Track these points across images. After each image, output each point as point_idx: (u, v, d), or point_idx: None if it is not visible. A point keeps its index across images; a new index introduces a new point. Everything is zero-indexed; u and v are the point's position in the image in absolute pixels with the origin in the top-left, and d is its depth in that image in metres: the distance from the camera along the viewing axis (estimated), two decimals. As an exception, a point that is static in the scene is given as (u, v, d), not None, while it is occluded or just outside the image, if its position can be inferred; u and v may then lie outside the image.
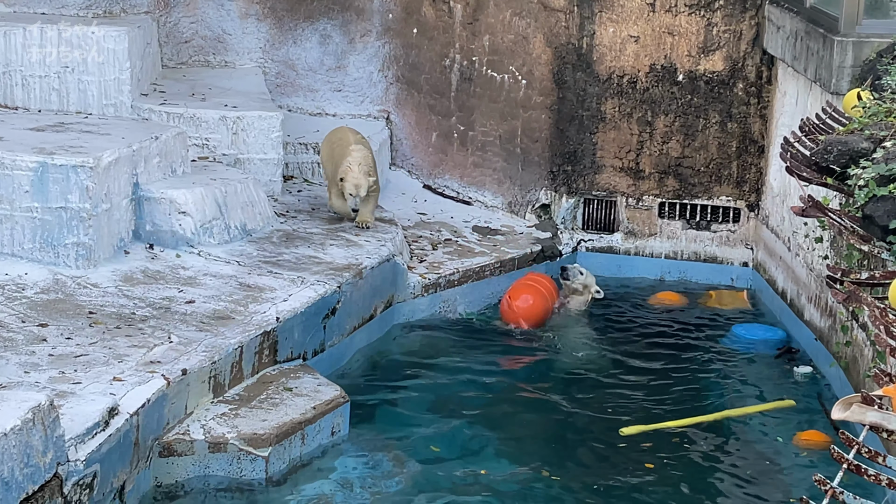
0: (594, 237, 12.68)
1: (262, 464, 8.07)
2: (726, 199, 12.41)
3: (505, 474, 8.56)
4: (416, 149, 13.33)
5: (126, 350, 8.32)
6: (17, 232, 9.62)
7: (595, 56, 12.36)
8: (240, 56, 13.31)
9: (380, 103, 13.42)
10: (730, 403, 9.78)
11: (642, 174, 12.49)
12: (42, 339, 8.39)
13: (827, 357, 10.04)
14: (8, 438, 6.29)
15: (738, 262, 12.45)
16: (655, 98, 12.33)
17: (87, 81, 11.24)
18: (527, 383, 10.12)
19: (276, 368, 9.08)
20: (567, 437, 9.27)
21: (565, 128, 12.54)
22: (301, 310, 9.38)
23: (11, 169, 9.57)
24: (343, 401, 8.81)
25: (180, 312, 9.08)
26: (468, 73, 12.88)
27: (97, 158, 9.66)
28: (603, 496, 8.36)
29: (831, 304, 10.04)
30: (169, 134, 10.60)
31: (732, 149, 12.32)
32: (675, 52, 12.24)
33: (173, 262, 10.02)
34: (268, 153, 11.40)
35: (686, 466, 8.79)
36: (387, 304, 10.80)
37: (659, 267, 12.57)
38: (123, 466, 7.45)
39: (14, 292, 9.15)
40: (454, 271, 11.42)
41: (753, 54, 12.12)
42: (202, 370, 8.27)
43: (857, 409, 5.75)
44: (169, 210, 10.16)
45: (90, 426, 7.16)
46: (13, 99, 11.27)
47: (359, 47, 13.34)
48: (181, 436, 8.01)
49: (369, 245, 10.80)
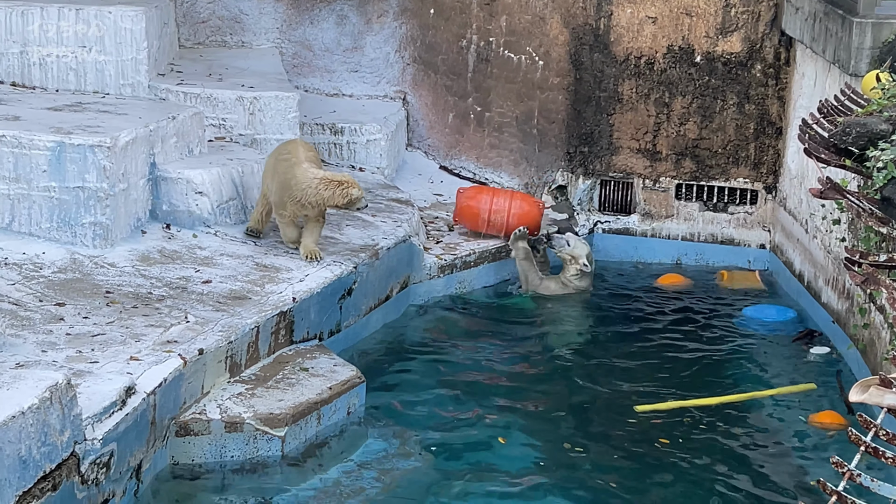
0: (610, 219, 12.65)
1: (278, 443, 8.09)
2: (743, 180, 12.37)
3: (522, 451, 8.59)
4: (433, 130, 13.32)
5: (143, 330, 8.34)
6: (34, 211, 9.64)
7: (612, 37, 12.32)
8: (256, 36, 13.30)
9: (396, 84, 13.40)
10: (744, 384, 9.78)
11: (659, 156, 12.46)
12: (59, 319, 8.41)
13: (844, 339, 10.02)
14: (26, 417, 6.31)
15: (755, 244, 12.42)
16: (673, 79, 12.28)
17: (105, 61, 11.24)
18: (541, 362, 10.14)
19: (293, 348, 9.10)
20: (583, 414, 9.29)
21: (582, 109, 12.50)
22: (317, 290, 9.39)
23: (29, 148, 9.59)
24: (359, 381, 8.82)
25: (197, 292, 9.09)
26: (485, 54, 12.85)
27: (114, 138, 9.67)
28: (619, 470, 8.40)
29: (849, 286, 10.01)
30: (186, 114, 10.60)
31: (750, 130, 12.27)
32: (692, 33, 12.19)
33: (190, 242, 10.03)
34: (284, 133, 11.38)
35: (700, 445, 8.79)
36: (403, 285, 10.80)
37: (675, 249, 12.55)
38: (140, 445, 7.48)
39: (31, 272, 9.18)
40: (470, 252, 11.41)
41: (772, 35, 12.06)
42: (218, 350, 8.29)
43: (875, 391, 5.74)
44: (186, 190, 10.17)
45: (107, 405, 7.18)
46: (31, 79, 11.27)
47: (375, 28, 13.32)
48: (197, 415, 8.03)
49: (385, 226, 10.80)
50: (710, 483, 8.30)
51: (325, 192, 9.69)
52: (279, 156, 10.05)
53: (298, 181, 9.71)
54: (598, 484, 8.22)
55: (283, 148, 10.17)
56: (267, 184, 10.07)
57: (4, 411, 6.23)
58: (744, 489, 8.23)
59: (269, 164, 10.11)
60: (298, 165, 9.81)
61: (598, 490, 8.15)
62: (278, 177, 9.86)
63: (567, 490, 8.14)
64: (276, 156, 10.09)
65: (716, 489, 8.23)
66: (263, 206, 10.16)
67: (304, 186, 9.67)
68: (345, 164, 12.42)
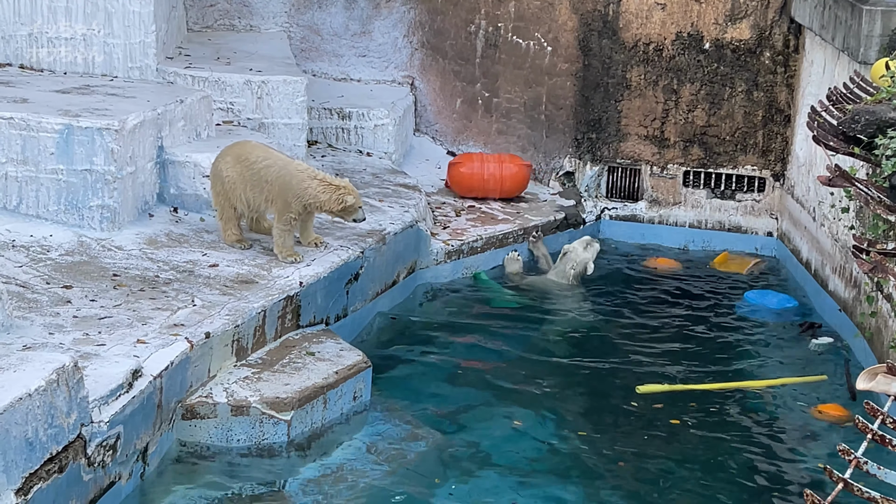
0: (618, 205, 12.65)
1: (284, 427, 8.10)
2: (751, 168, 12.36)
3: (530, 434, 8.61)
4: (441, 115, 13.30)
5: (150, 313, 8.35)
6: (42, 194, 9.65)
7: (621, 23, 12.29)
8: (265, 20, 13.29)
9: (404, 69, 13.39)
10: (745, 370, 9.81)
11: (667, 142, 12.44)
12: (66, 301, 8.42)
13: (851, 328, 10.00)
14: (32, 399, 6.32)
15: (762, 231, 12.41)
16: (681, 66, 12.26)
17: (113, 44, 11.24)
18: (547, 346, 10.16)
19: (299, 333, 9.10)
20: (590, 396, 9.34)
21: (590, 95, 12.49)
22: (324, 274, 9.39)
23: (37, 131, 9.59)
24: (365, 366, 8.82)
25: (204, 276, 9.10)
26: (493, 40, 12.84)
27: (122, 121, 9.67)
28: (627, 453, 8.45)
29: (856, 274, 10.00)
30: (194, 98, 10.60)
31: (758, 118, 12.25)
32: (701, 20, 12.17)
33: (197, 225, 10.03)
34: (292, 118, 11.38)
35: (706, 429, 8.81)
36: (410, 270, 10.80)
37: (683, 236, 12.55)
38: (146, 428, 7.49)
39: (39, 254, 9.18)
40: (477, 238, 11.41)
41: (781, 23, 12.04)
42: (225, 333, 8.30)
43: (883, 379, 5.74)
44: (193, 173, 10.17)
45: (114, 388, 7.19)
46: (39, 61, 11.27)
47: (384, 12, 13.30)
48: (204, 399, 8.04)
49: (392, 211, 10.80)
50: (715, 468, 8.31)
51: (322, 194, 9.35)
52: (249, 163, 9.42)
53: (299, 180, 9.35)
54: (608, 467, 8.24)
55: (247, 153, 9.50)
56: (239, 194, 9.46)
57: (11, 393, 6.24)
58: (748, 476, 8.24)
59: (234, 175, 9.43)
60: (291, 164, 9.48)
61: (606, 474, 8.17)
62: (275, 182, 9.36)
63: (575, 472, 8.15)
64: (244, 164, 9.43)
65: (720, 474, 8.24)
66: (234, 217, 9.62)
67: (305, 186, 9.34)
68: (352, 148, 12.42)
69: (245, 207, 9.51)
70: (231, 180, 9.46)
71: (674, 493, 8.01)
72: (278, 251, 9.46)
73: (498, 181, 12.13)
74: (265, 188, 9.40)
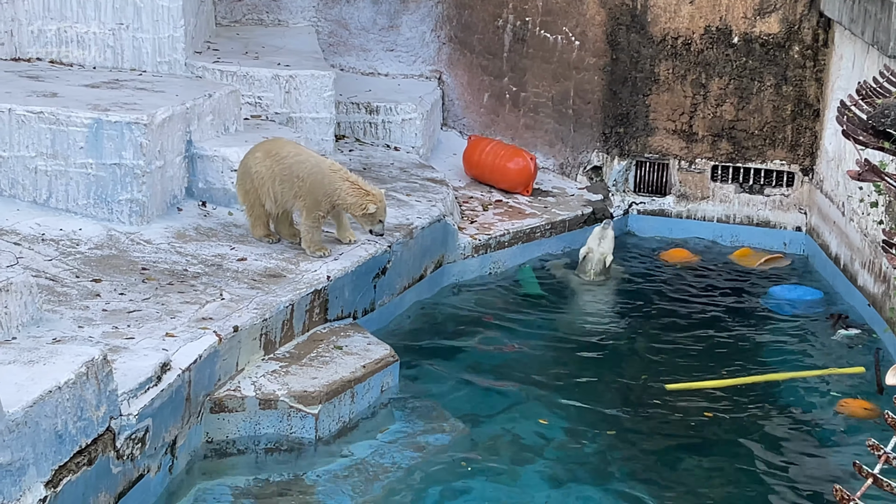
0: (646, 200, 12.62)
1: (311, 421, 8.12)
2: (780, 162, 12.31)
3: (557, 430, 8.60)
4: (468, 109, 13.30)
5: (178, 306, 8.37)
6: (71, 188, 9.69)
7: (649, 17, 12.26)
8: (293, 15, 13.31)
9: (432, 63, 13.39)
10: (775, 362, 9.78)
11: (695, 137, 12.41)
12: (96, 295, 8.46)
13: (880, 323, 9.96)
14: (62, 392, 6.35)
15: (791, 226, 12.36)
16: (710, 60, 12.22)
17: (142, 39, 11.27)
18: (572, 342, 10.13)
19: (327, 327, 9.12)
20: (617, 391, 9.32)
21: (618, 90, 12.46)
22: (352, 269, 9.40)
23: (66, 125, 9.63)
24: (393, 360, 8.84)
25: (232, 270, 9.12)
26: (521, 34, 12.82)
27: (151, 115, 9.70)
28: (656, 450, 8.45)
29: (885, 269, 9.95)
30: (222, 92, 10.62)
31: (787, 112, 12.20)
32: (730, 14, 12.12)
33: (225, 219, 10.06)
34: (320, 112, 11.40)
35: (735, 425, 8.80)
36: (437, 265, 10.80)
37: (711, 230, 12.52)
38: (175, 422, 7.51)
39: (68, 248, 9.23)
40: (504, 232, 11.41)
41: (810, 17, 11.98)
42: (253, 327, 8.32)
43: (912, 374, 5.70)
44: (222, 168, 10.20)
45: (143, 381, 7.22)
46: (69, 56, 11.31)
47: (412, 7, 13.31)
48: (232, 392, 8.06)
49: (420, 205, 10.80)
50: (745, 463, 8.29)
51: (350, 197, 9.34)
52: (280, 158, 9.42)
53: (331, 180, 9.33)
54: (638, 465, 8.23)
55: (278, 149, 9.51)
56: (267, 189, 9.45)
57: (41, 386, 6.28)
58: (777, 470, 8.22)
59: (263, 170, 9.42)
60: (324, 162, 9.46)
61: (638, 470, 8.17)
62: (306, 179, 9.35)
63: (604, 469, 8.15)
64: (274, 158, 9.43)
65: (749, 469, 8.22)
66: (263, 213, 9.63)
67: (336, 186, 9.32)
68: (380, 143, 12.43)
69: (272, 203, 9.51)
70: (260, 175, 9.47)
71: (704, 488, 7.99)
72: (306, 245, 9.48)
73: (489, 168, 12.36)
74: (295, 183, 9.40)
